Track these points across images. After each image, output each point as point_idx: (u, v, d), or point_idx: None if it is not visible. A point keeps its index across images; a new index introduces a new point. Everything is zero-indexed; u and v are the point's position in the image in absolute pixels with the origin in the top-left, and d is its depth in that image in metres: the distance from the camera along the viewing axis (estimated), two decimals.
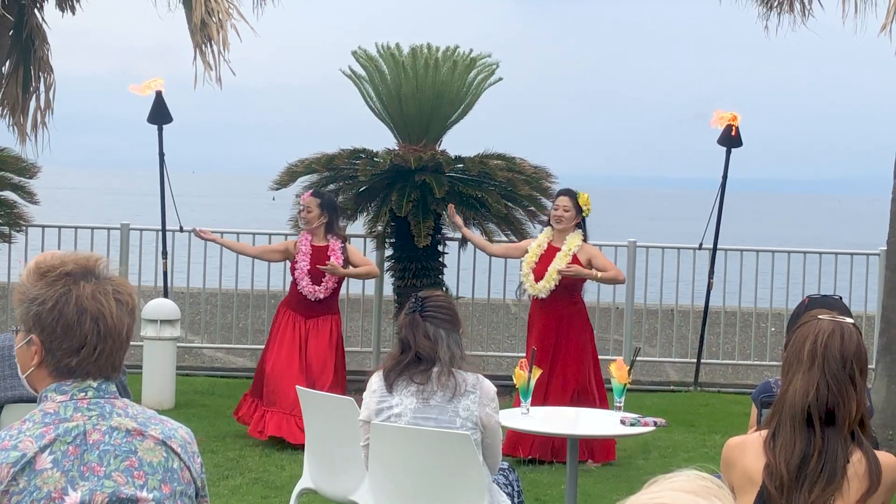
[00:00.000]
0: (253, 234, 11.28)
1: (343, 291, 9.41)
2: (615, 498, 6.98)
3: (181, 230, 10.84)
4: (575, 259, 8.11)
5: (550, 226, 8.27)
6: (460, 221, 9.03)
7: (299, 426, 8.25)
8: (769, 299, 11.42)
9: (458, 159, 10.13)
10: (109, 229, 11.03)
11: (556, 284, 8.11)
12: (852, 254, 11.39)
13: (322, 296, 8.54)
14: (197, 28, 9.07)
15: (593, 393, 8.21)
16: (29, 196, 10.46)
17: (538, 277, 8.14)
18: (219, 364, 11.26)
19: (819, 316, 3.34)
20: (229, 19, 9.22)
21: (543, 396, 7.94)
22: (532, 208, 10.15)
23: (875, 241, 10.80)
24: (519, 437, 8.06)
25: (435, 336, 4.80)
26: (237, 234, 11.23)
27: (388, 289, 10.63)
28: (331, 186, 10.15)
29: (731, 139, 10.36)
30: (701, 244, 10.94)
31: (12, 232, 10.47)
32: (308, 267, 8.51)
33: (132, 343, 9.97)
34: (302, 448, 7.89)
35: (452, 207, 9.08)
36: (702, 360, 10.96)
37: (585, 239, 8.24)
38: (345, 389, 8.30)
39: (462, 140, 10.94)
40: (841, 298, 4.52)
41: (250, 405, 8.60)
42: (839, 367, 3.24)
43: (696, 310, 11.29)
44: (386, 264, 10.26)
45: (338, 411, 5.68)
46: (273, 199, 16.30)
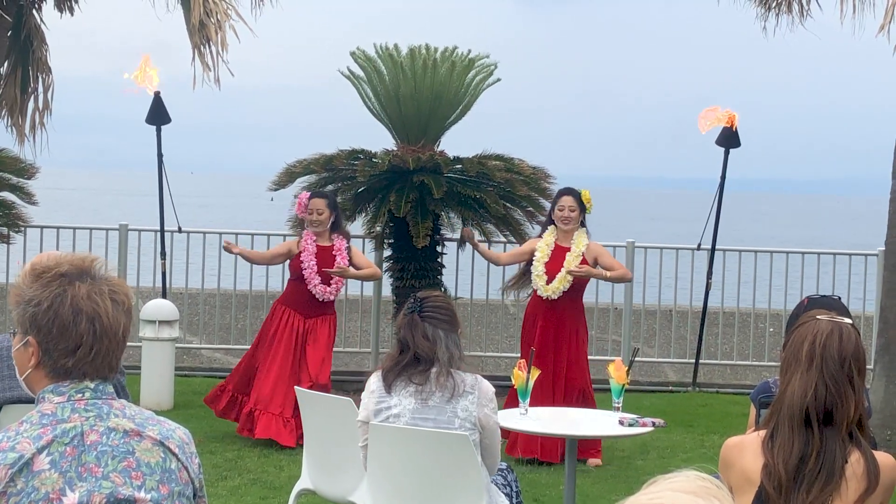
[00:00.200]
0: (251, 235, 11.29)
1: (341, 292, 9.40)
2: (614, 498, 6.98)
3: (180, 231, 10.84)
4: (583, 259, 8.12)
5: (554, 225, 8.25)
6: (474, 240, 8.95)
7: (288, 428, 8.24)
8: (767, 300, 11.42)
9: (457, 160, 10.13)
10: (108, 230, 11.03)
11: (569, 286, 8.12)
12: (851, 254, 11.39)
13: (332, 296, 8.50)
14: (195, 29, 9.07)
15: (592, 393, 8.24)
16: (27, 197, 10.47)
17: (549, 279, 8.13)
18: (217, 365, 11.25)
19: (817, 316, 3.34)
20: (228, 20, 9.22)
21: (552, 397, 7.95)
22: (530, 209, 10.15)
23: (874, 242, 10.80)
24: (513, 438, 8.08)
25: (433, 336, 4.80)
26: (236, 235, 11.23)
27: (387, 289, 10.63)
28: (329, 187, 10.15)
29: (730, 140, 10.36)
30: (699, 244, 10.94)
31: (11, 233, 10.47)
32: (317, 267, 8.42)
33: (131, 344, 9.89)
34: (296, 449, 7.91)
35: (467, 230, 8.90)
36: (700, 361, 10.96)
37: (588, 237, 8.26)
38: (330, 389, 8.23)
39: (460, 141, 10.93)
40: (840, 299, 4.51)
41: (231, 400, 8.50)
42: (837, 368, 3.24)
43: (695, 310, 11.29)
44: (384, 265, 10.26)
45: (336, 412, 5.67)
46: (272, 200, 16.32)
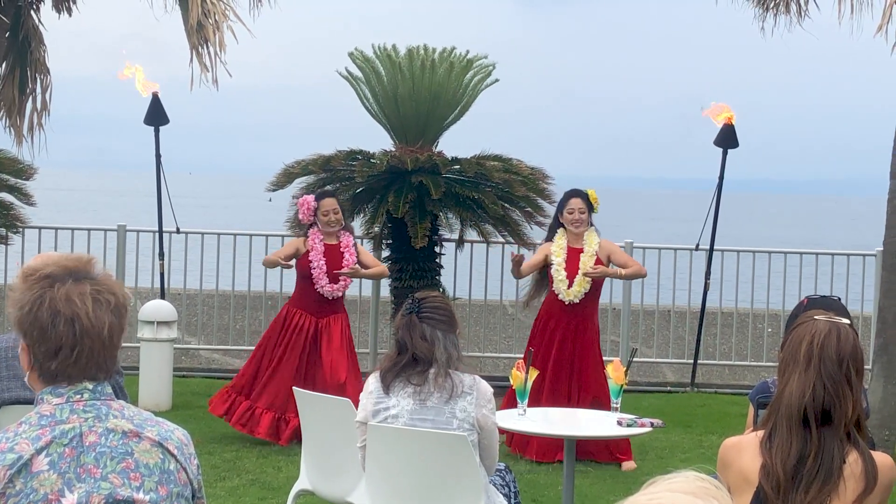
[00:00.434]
0: (250, 236, 11.29)
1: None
2: (612, 499, 6.98)
3: (178, 231, 10.84)
4: (597, 258, 8.09)
5: (563, 228, 8.19)
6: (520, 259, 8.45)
7: (289, 426, 8.22)
8: (766, 300, 11.42)
9: (455, 160, 10.13)
10: (106, 231, 11.03)
11: (589, 286, 8.09)
12: (849, 254, 11.39)
13: (340, 294, 8.42)
14: (193, 29, 9.07)
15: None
16: (25, 198, 10.47)
17: (569, 283, 8.08)
18: (216, 365, 11.25)
19: (815, 316, 3.34)
20: (225, 21, 9.22)
21: (567, 398, 7.94)
22: (529, 209, 10.15)
23: (872, 242, 10.80)
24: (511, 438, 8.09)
25: (432, 337, 4.79)
26: (234, 236, 11.24)
27: (385, 290, 10.63)
28: (327, 188, 10.15)
29: (728, 140, 10.35)
30: (698, 245, 10.95)
31: (9, 234, 10.47)
32: (326, 266, 8.32)
33: (129, 345, 9.88)
34: (295, 450, 7.90)
35: (515, 255, 8.39)
36: (699, 361, 10.96)
37: (599, 234, 8.23)
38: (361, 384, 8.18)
39: (459, 141, 10.93)
40: (839, 299, 4.51)
41: (233, 403, 8.41)
42: (835, 368, 3.24)
43: (693, 310, 11.29)
44: None
45: (335, 412, 5.67)
46: (270, 201, 16.30)
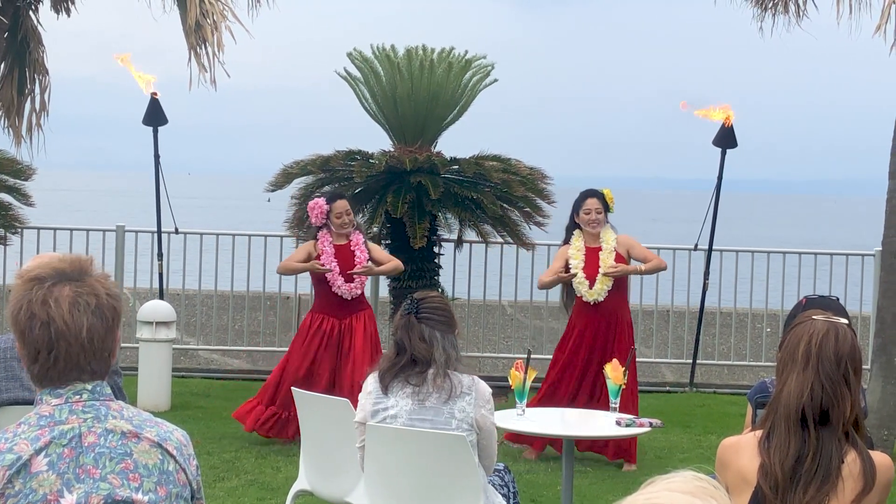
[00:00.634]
0: (248, 236, 11.30)
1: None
2: (611, 499, 6.98)
3: (176, 232, 10.84)
4: (616, 255, 8.07)
5: (579, 229, 8.15)
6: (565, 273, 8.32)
7: None
8: (764, 300, 11.43)
9: (454, 160, 10.13)
10: (105, 231, 11.02)
11: (611, 284, 8.06)
12: (847, 254, 11.38)
13: (358, 292, 8.35)
14: (191, 30, 9.07)
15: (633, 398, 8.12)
16: (24, 198, 10.46)
17: (591, 284, 8.06)
18: (214, 366, 11.25)
19: (813, 316, 3.34)
20: (224, 21, 9.22)
21: (588, 397, 7.93)
22: (527, 209, 10.15)
23: (871, 242, 10.81)
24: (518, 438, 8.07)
25: (430, 338, 4.79)
26: (233, 236, 11.24)
27: (384, 290, 10.62)
28: (326, 188, 10.15)
29: (726, 140, 10.35)
30: (696, 245, 10.95)
31: (8, 234, 10.46)
32: (338, 267, 8.28)
33: (128, 345, 9.85)
34: (294, 450, 7.89)
35: (564, 276, 8.25)
36: (697, 361, 10.96)
37: (615, 230, 8.19)
38: None
39: (457, 141, 10.93)
40: (838, 299, 4.51)
41: (260, 414, 8.32)
42: (833, 368, 3.24)
43: (692, 311, 11.29)
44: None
45: (333, 413, 5.67)
46: (269, 201, 16.30)
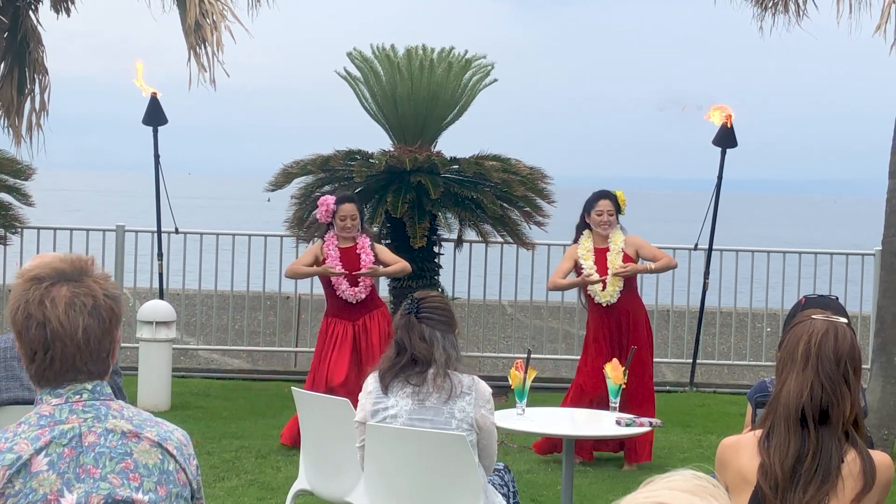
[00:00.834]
0: (248, 236, 11.31)
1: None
2: (611, 498, 6.98)
3: (176, 232, 10.84)
4: (625, 255, 8.03)
5: (589, 229, 8.11)
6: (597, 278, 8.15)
7: None
8: (764, 300, 11.43)
9: (454, 160, 10.14)
10: (105, 231, 11.02)
11: (622, 284, 8.02)
12: (847, 254, 11.38)
13: (363, 295, 8.26)
14: (191, 29, 9.07)
15: (649, 397, 8.13)
16: (24, 198, 10.46)
17: (603, 284, 8.02)
18: (214, 366, 11.26)
19: (813, 316, 3.34)
20: (223, 21, 9.22)
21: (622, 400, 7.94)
22: (527, 209, 10.15)
23: (871, 242, 10.81)
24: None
25: (430, 338, 4.79)
26: (233, 236, 11.25)
27: (384, 290, 10.62)
28: (326, 188, 10.15)
29: (726, 139, 10.34)
30: (696, 244, 10.96)
31: (8, 234, 10.46)
32: (343, 271, 8.20)
33: (128, 345, 9.83)
34: (293, 449, 7.89)
35: (589, 277, 7.99)
36: (697, 361, 10.97)
37: (624, 231, 8.17)
38: None
39: (457, 141, 10.93)
40: (837, 299, 4.52)
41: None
42: (833, 367, 3.24)
43: (692, 310, 11.29)
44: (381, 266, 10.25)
45: (333, 412, 5.67)
46: (269, 201, 16.31)
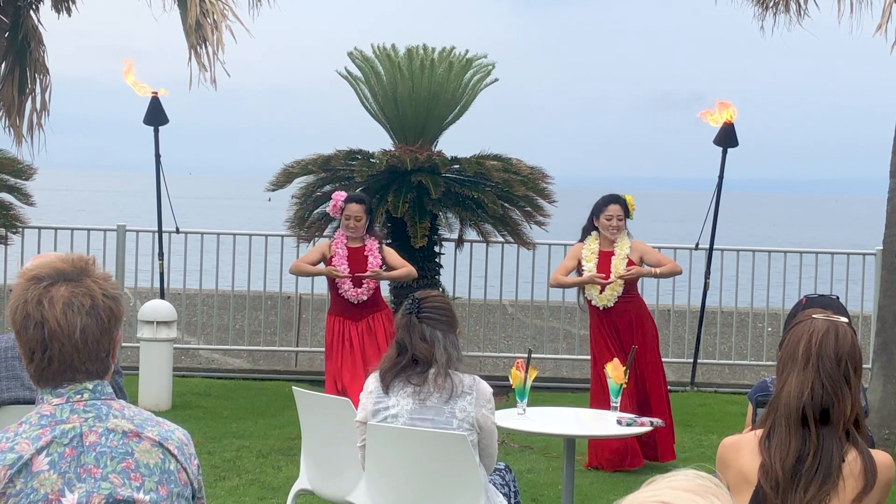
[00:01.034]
0: (249, 235, 11.31)
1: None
2: (612, 498, 6.98)
3: (177, 231, 10.84)
4: (629, 261, 8.02)
5: (597, 231, 8.08)
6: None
7: None
8: (765, 299, 11.43)
9: (455, 160, 10.14)
10: (106, 231, 11.03)
11: (622, 290, 8.02)
12: (848, 253, 11.38)
13: (365, 297, 8.30)
14: (192, 29, 9.07)
15: (661, 397, 8.15)
16: (25, 198, 10.47)
17: (602, 287, 8.02)
18: (215, 365, 11.26)
19: (813, 315, 3.34)
20: (224, 20, 9.21)
21: (637, 401, 7.91)
22: (528, 209, 10.15)
23: (872, 242, 10.80)
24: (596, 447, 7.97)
25: (432, 338, 4.79)
26: (233, 236, 11.25)
27: (385, 289, 10.62)
28: (327, 187, 10.15)
29: (728, 139, 10.33)
30: (697, 244, 10.95)
31: (8, 234, 10.47)
32: (349, 270, 8.23)
33: (129, 344, 9.83)
34: (294, 449, 7.89)
35: (596, 278, 8.02)
36: (698, 361, 10.96)
37: (630, 236, 8.16)
38: None
39: (458, 141, 10.96)
40: (838, 298, 4.52)
41: None
42: (833, 367, 3.24)
43: (693, 310, 11.29)
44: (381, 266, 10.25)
45: (334, 412, 5.67)
46: (269, 200, 16.33)
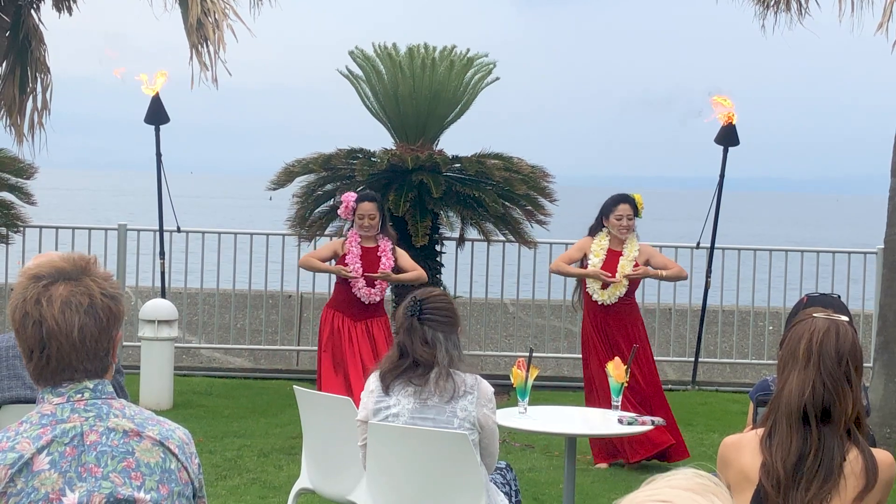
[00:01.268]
0: (250, 235, 11.32)
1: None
2: (613, 497, 6.97)
3: (178, 231, 10.84)
4: (636, 265, 8.01)
5: (605, 229, 8.06)
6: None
7: None
8: (767, 298, 11.42)
9: (456, 159, 10.14)
10: (107, 230, 11.03)
11: (625, 290, 8.01)
12: (850, 252, 11.38)
13: (378, 298, 8.31)
14: (193, 28, 9.07)
15: (658, 398, 8.18)
16: (26, 197, 10.48)
17: (604, 284, 8.01)
18: (216, 364, 11.26)
19: (814, 314, 3.34)
20: (225, 19, 9.22)
21: (633, 399, 7.90)
22: (529, 208, 10.15)
23: (873, 241, 10.80)
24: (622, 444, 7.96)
25: (433, 340, 4.77)
26: (235, 235, 11.25)
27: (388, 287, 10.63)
28: (328, 186, 10.15)
29: (728, 138, 10.33)
30: (698, 243, 10.95)
31: (10, 233, 10.47)
32: (361, 269, 8.23)
33: (130, 343, 9.84)
34: (295, 449, 7.89)
35: (603, 274, 7.99)
36: (699, 359, 10.97)
37: (638, 238, 8.15)
38: None
39: (459, 140, 10.95)
40: (839, 297, 4.52)
41: None
42: (834, 365, 3.24)
43: (694, 309, 11.29)
44: None
45: (335, 411, 5.67)
46: (270, 199, 16.34)
